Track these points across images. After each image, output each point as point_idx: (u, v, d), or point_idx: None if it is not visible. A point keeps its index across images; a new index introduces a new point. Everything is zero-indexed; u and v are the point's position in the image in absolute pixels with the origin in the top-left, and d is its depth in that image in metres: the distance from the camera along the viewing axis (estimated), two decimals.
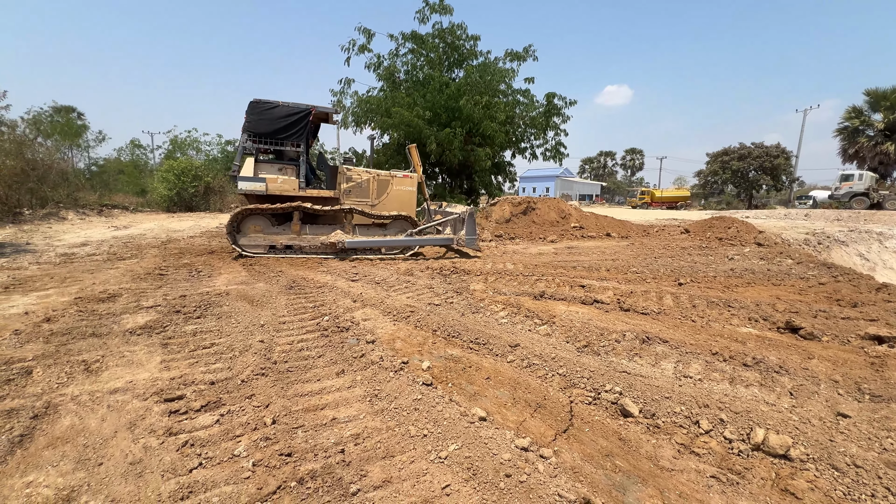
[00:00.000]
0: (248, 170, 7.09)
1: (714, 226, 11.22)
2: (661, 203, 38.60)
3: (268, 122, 7.11)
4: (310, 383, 2.72)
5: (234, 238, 7.03)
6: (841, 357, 3.41)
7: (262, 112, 7.08)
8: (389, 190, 8.19)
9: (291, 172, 7.45)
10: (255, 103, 7.06)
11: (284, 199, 7.25)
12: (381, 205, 8.12)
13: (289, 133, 7.23)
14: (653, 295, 5.26)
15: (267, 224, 7.24)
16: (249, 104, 7.05)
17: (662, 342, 3.67)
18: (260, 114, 7.08)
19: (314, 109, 7.39)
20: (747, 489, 1.85)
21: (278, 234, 7.28)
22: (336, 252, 7.42)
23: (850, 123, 32.34)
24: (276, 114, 7.12)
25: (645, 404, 2.49)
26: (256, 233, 7.17)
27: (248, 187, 7.06)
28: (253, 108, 7.04)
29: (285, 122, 7.16)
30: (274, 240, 7.24)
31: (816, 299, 5.05)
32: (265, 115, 7.09)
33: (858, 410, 2.55)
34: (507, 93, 13.91)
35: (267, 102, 7.11)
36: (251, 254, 7.11)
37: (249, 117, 7.05)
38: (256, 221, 7.18)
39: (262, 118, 7.08)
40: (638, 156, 68.79)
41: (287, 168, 7.47)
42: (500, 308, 4.53)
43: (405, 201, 8.29)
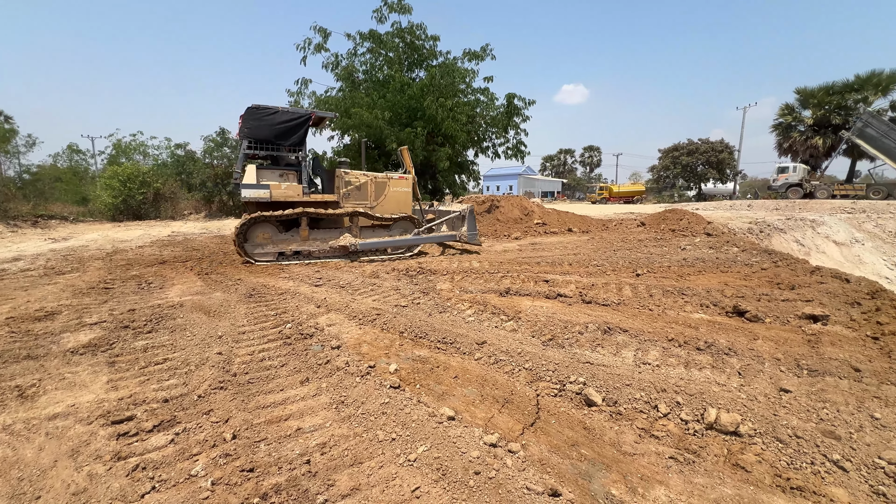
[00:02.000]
0: (250, 177, 6.95)
1: (667, 218, 11.79)
2: (619, 198, 40.20)
3: (268, 127, 7.02)
4: (272, 394, 2.63)
5: (242, 247, 6.94)
6: (782, 336, 3.67)
7: (261, 118, 6.97)
8: (387, 192, 8.28)
9: (293, 178, 7.39)
10: (253, 109, 6.93)
11: (288, 206, 7.21)
12: (380, 206, 8.20)
13: (290, 138, 7.20)
14: (613, 286, 5.45)
15: (274, 231, 7.20)
16: (248, 110, 6.91)
17: (623, 331, 3.81)
18: (260, 119, 6.96)
19: (314, 114, 7.40)
20: (702, 467, 1.95)
21: (286, 240, 7.28)
22: (346, 255, 7.56)
23: (783, 120, 34.92)
24: (276, 119, 7.04)
25: (607, 393, 2.57)
26: (265, 240, 7.13)
27: (251, 195, 6.92)
28: (252, 114, 6.92)
29: (286, 127, 7.12)
30: (283, 247, 7.23)
31: (760, 284, 5.40)
32: (265, 120, 6.99)
33: (798, 385, 2.75)
34: (467, 92, 14.03)
35: (266, 108, 7.02)
36: (262, 262, 7.05)
37: (249, 123, 6.92)
38: (264, 229, 7.12)
39: (262, 124, 6.97)
40: (595, 153, 71.26)
41: (287, 174, 7.39)
42: (467, 306, 4.55)
43: (402, 202, 8.44)
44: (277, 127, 7.05)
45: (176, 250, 9.09)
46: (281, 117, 7.06)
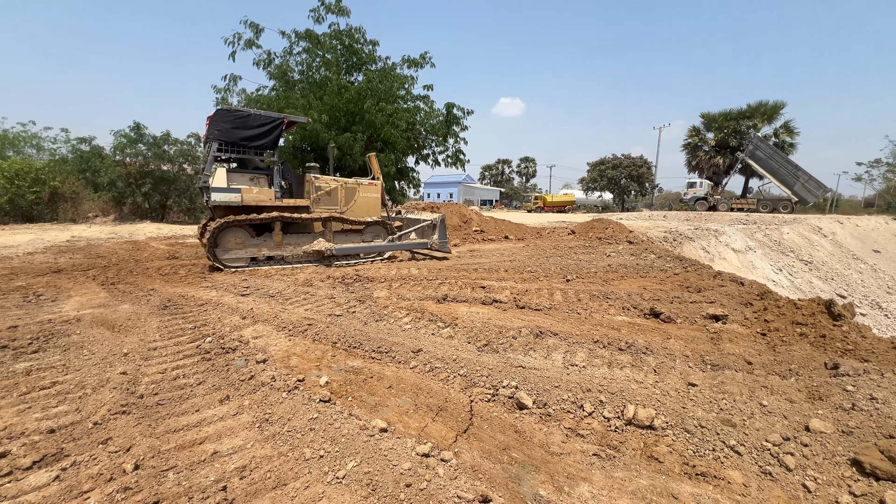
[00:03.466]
0: (220, 180, 6.79)
1: (594, 227, 12.61)
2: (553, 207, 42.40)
3: (240, 130, 6.93)
4: (186, 416, 2.38)
5: (213, 253, 6.74)
6: (690, 335, 4.05)
7: (233, 121, 6.86)
8: (357, 197, 8.37)
9: (263, 182, 7.36)
10: (224, 112, 6.84)
11: (259, 210, 7.10)
12: (350, 211, 8.27)
13: (262, 142, 7.15)
14: (545, 292, 5.70)
15: (246, 236, 7.05)
16: (218, 112, 6.77)
17: (553, 335, 3.98)
18: (231, 122, 6.85)
19: (286, 119, 7.37)
20: (622, 461, 2.07)
21: (259, 245, 7.16)
22: (320, 259, 7.63)
23: (691, 140, 39.15)
24: (248, 123, 6.98)
25: (538, 395, 2.66)
26: (237, 246, 6.97)
27: (222, 199, 6.76)
28: (222, 117, 6.79)
29: (258, 130, 7.07)
30: (255, 252, 7.12)
31: (673, 287, 5.93)
32: (237, 123, 6.89)
33: (703, 379, 3.03)
34: (407, 99, 14.04)
35: (238, 111, 6.96)
36: (234, 267, 6.88)
37: (219, 126, 6.77)
38: (236, 234, 6.96)
39: (233, 127, 6.87)
40: (531, 163, 74.69)
41: (257, 178, 7.33)
42: (404, 314, 4.50)
43: (371, 207, 8.58)
44: (250, 131, 7.00)
45: (76, 257, 8.04)
46: (253, 121, 7.02)
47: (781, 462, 2.10)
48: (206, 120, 6.82)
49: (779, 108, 34.85)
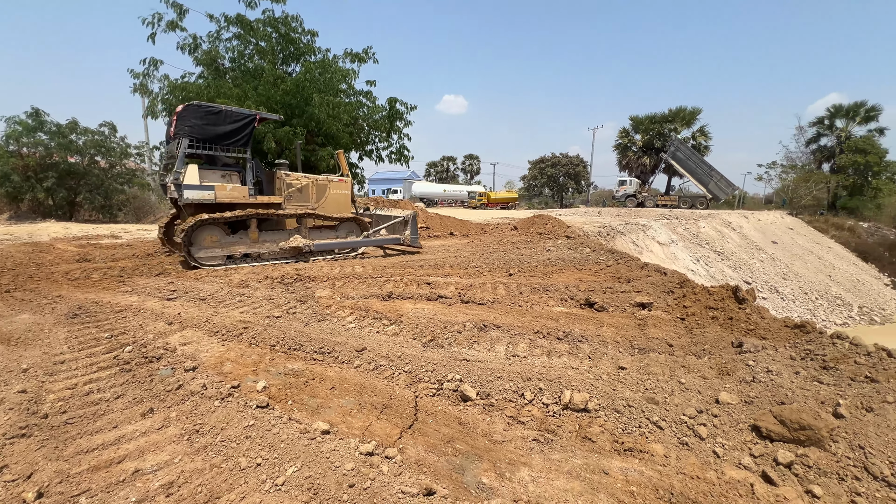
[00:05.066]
0: (192, 177, 6.59)
1: (535, 223, 13.13)
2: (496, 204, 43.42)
3: (212, 127, 6.79)
4: (101, 434, 2.16)
5: (189, 252, 6.58)
6: (621, 322, 4.36)
7: (204, 116, 6.71)
8: (327, 194, 8.36)
9: (235, 179, 7.25)
10: (195, 107, 6.69)
11: (232, 207, 6.99)
12: (321, 208, 8.25)
13: (234, 139, 7.04)
14: (489, 286, 5.84)
15: (222, 234, 6.96)
16: (188, 108, 6.65)
17: (496, 328, 4.10)
18: (202, 118, 6.70)
19: (259, 116, 7.30)
20: (559, 444, 2.18)
21: (235, 243, 7.11)
22: (297, 256, 7.68)
23: (622, 141, 41.98)
24: (220, 119, 6.86)
25: (482, 387, 2.73)
26: (213, 244, 6.87)
27: (195, 196, 6.59)
28: (193, 113, 6.65)
29: (231, 127, 6.96)
30: (232, 250, 7.06)
31: (605, 279, 6.33)
32: (208, 119, 6.74)
33: (631, 362, 3.27)
34: (349, 93, 13.67)
35: (209, 106, 6.83)
36: (210, 265, 6.75)
37: (189, 121, 6.61)
38: (211, 232, 6.84)
39: (205, 123, 6.72)
40: (475, 161, 75.90)
41: (229, 175, 7.21)
42: (348, 313, 4.40)
43: (342, 204, 8.59)
44: (223, 127, 6.89)
45: None
46: (226, 117, 6.92)
47: (696, 433, 2.33)
48: (173, 115, 6.70)
49: (696, 114, 38.36)
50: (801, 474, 2.05)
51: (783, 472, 2.06)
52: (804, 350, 3.01)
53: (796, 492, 1.97)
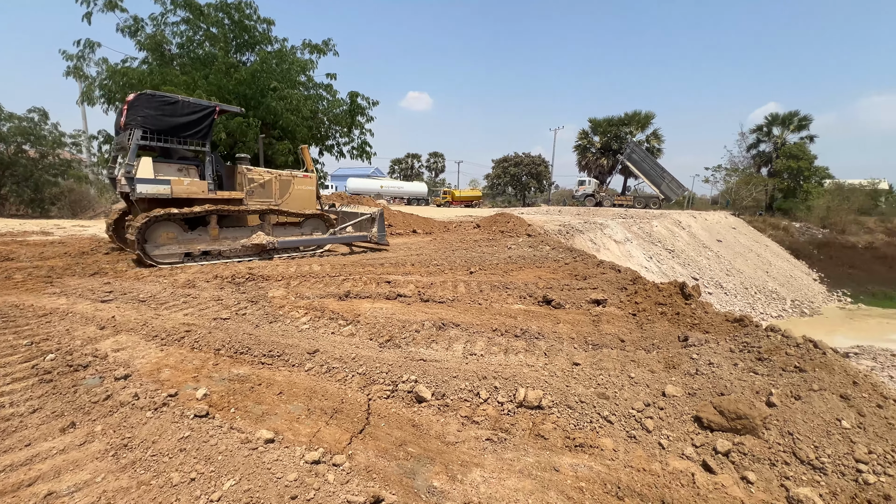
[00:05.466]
0: (146, 171, 6.26)
1: (498, 221, 13.27)
2: (460, 202, 43.67)
3: (167, 118, 6.47)
4: (10, 454, 1.94)
5: (144, 249, 6.27)
6: (577, 319, 4.46)
7: (159, 107, 6.38)
8: (291, 190, 8.15)
9: (193, 173, 6.94)
10: (148, 96, 6.38)
11: (192, 203, 6.71)
12: (285, 204, 8.01)
13: (192, 131, 6.74)
14: (449, 284, 5.82)
15: (179, 230, 6.68)
16: (141, 97, 6.33)
17: (455, 326, 4.08)
18: (157, 108, 6.36)
19: (218, 108, 7.03)
20: (512, 443, 2.18)
21: (194, 240, 6.83)
22: (260, 253, 7.47)
23: (581, 142, 43.31)
24: (176, 109, 6.54)
25: (437, 387, 2.69)
26: (170, 240, 6.57)
27: (149, 191, 6.27)
28: (147, 102, 6.32)
29: (188, 118, 6.66)
30: (190, 247, 6.78)
31: (563, 276, 6.48)
32: (164, 110, 6.41)
33: (585, 358, 3.34)
34: (308, 86, 13.21)
35: (164, 97, 6.52)
36: (166, 263, 6.46)
37: (143, 111, 6.27)
38: (168, 228, 6.55)
39: (160, 114, 6.39)
40: (440, 159, 75.88)
41: (186, 169, 6.90)
42: (302, 314, 4.24)
43: (307, 200, 8.42)
44: (179, 118, 6.58)
45: None
46: (183, 108, 6.62)
47: (643, 426, 2.40)
48: (124, 105, 6.35)
49: (650, 118, 40.20)
50: (737, 461, 2.16)
51: (721, 461, 2.16)
52: (742, 343, 3.19)
53: (732, 478, 2.07)
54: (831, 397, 2.46)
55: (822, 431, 2.27)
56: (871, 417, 2.34)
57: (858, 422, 2.32)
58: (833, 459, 2.12)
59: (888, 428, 2.27)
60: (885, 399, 2.46)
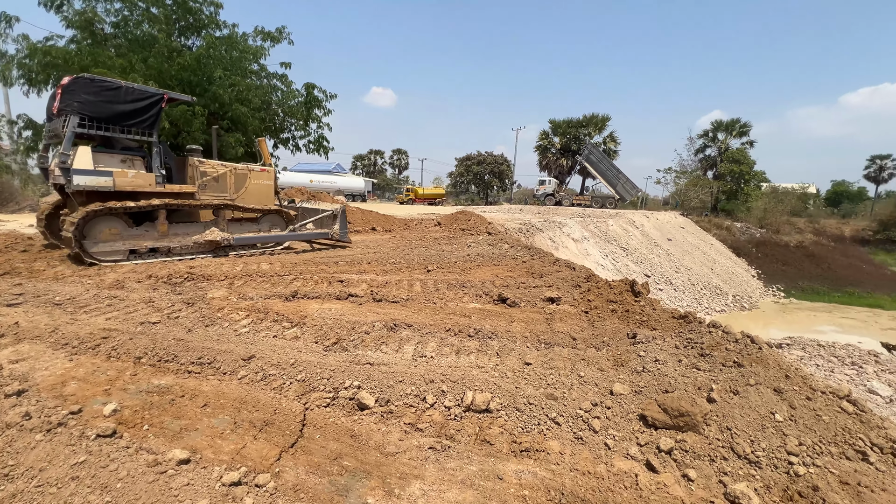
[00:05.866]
0: (84, 161, 5.83)
1: (459, 219, 13.21)
2: (424, 199, 43.48)
3: (109, 104, 6.02)
4: None
5: (82, 245, 5.84)
6: (531, 317, 4.44)
7: (99, 93, 5.93)
8: (248, 184, 7.83)
9: (139, 165, 6.54)
10: (87, 81, 5.92)
11: (137, 196, 6.30)
12: (240, 199, 7.68)
13: (136, 120, 6.30)
14: (405, 283, 5.67)
15: (123, 226, 6.28)
16: (78, 81, 5.85)
17: (408, 326, 3.94)
18: (97, 94, 5.91)
19: (167, 96, 6.62)
20: (457, 450, 2.07)
21: (140, 236, 6.45)
22: (215, 250, 7.12)
23: (542, 142, 44.25)
24: (119, 96, 6.08)
25: (381, 393, 2.54)
26: (112, 237, 6.16)
27: (88, 182, 5.81)
28: (85, 87, 5.84)
29: (133, 106, 6.21)
30: (136, 244, 6.40)
31: (520, 274, 6.49)
32: (105, 96, 5.96)
33: (537, 357, 3.30)
34: (261, 75, 12.58)
35: (105, 81, 6.10)
36: (109, 261, 6.05)
37: (80, 97, 5.79)
38: (110, 223, 6.14)
39: (101, 100, 5.94)
40: (404, 156, 75.25)
41: (131, 160, 6.48)
42: (243, 316, 3.95)
43: (264, 195, 8.11)
44: (122, 106, 6.12)
45: None
46: (126, 95, 6.16)
47: (590, 426, 2.37)
48: (58, 89, 5.86)
49: (606, 120, 41.69)
50: (679, 459, 2.17)
51: (664, 459, 2.16)
52: (686, 339, 3.25)
53: (674, 477, 2.07)
54: (766, 391, 2.53)
55: (757, 425, 2.32)
56: (801, 410, 2.42)
57: (790, 414, 2.40)
58: (767, 453, 2.17)
59: (816, 419, 2.36)
60: (814, 391, 2.56)
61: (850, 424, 2.35)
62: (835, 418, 2.38)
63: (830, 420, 2.36)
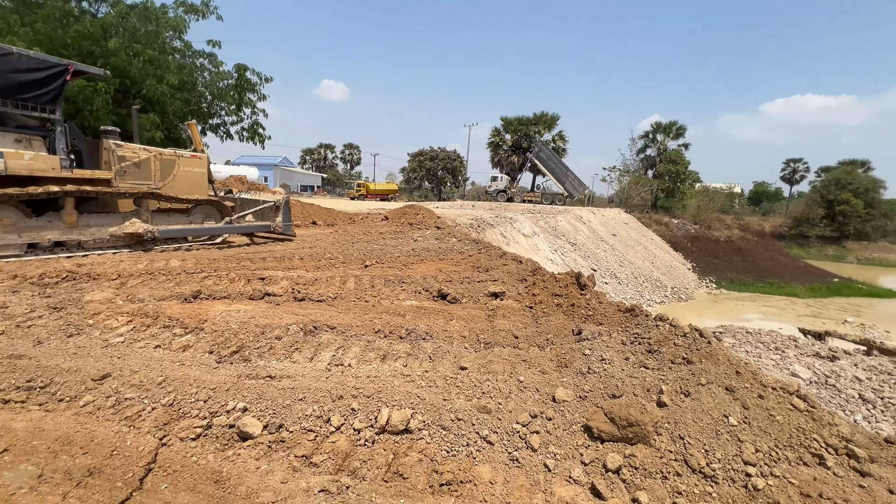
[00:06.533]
0: None
1: (407, 213, 12.71)
2: (376, 195, 42.39)
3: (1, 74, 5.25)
4: None
5: None
6: (472, 314, 4.05)
7: None
8: (176, 171, 7.20)
9: (38, 146, 5.74)
10: None
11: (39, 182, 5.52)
12: (168, 187, 7.04)
13: (34, 93, 5.52)
14: (337, 279, 5.10)
15: (19, 216, 5.46)
16: None
17: (329, 329, 3.41)
18: None
19: (72, 67, 5.84)
20: (357, 492, 1.61)
21: (41, 228, 5.65)
22: (135, 244, 6.34)
23: (494, 139, 44.55)
24: (11, 64, 5.32)
25: (274, 416, 2.02)
26: (6, 229, 5.36)
27: None
28: None
29: (29, 77, 5.46)
30: (36, 236, 5.59)
31: (466, 268, 6.12)
32: None
33: (474, 360, 2.91)
34: (185, 53, 11.31)
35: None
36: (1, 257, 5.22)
37: None
38: (2, 213, 5.31)
39: None
40: (356, 151, 73.20)
41: (28, 140, 5.67)
42: (123, 322, 3.24)
43: (196, 184, 7.48)
44: (13, 76, 5.35)
45: None
46: (20, 63, 5.40)
47: (528, 443, 2.00)
48: None
49: (555, 119, 42.67)
50: (628, 479, 1.84)
51: (611, 481, 1.82)
52: (633, 334, 2.99)
53: (622, 502, 1.74)
54: (718, 391, 2.29)
55: (711, 432, 2.05)
56: (754, 410, 2.19)
57: (744, 416, 2.16)
58: (723, 464, 1.90)
59: (770, 421, 2.14)
60: (765, 388, 2.36)
61: (803, 424, 2.14)
62: (788, 418, 2.17)
63: (784, 420, 2.15)
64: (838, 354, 10.65)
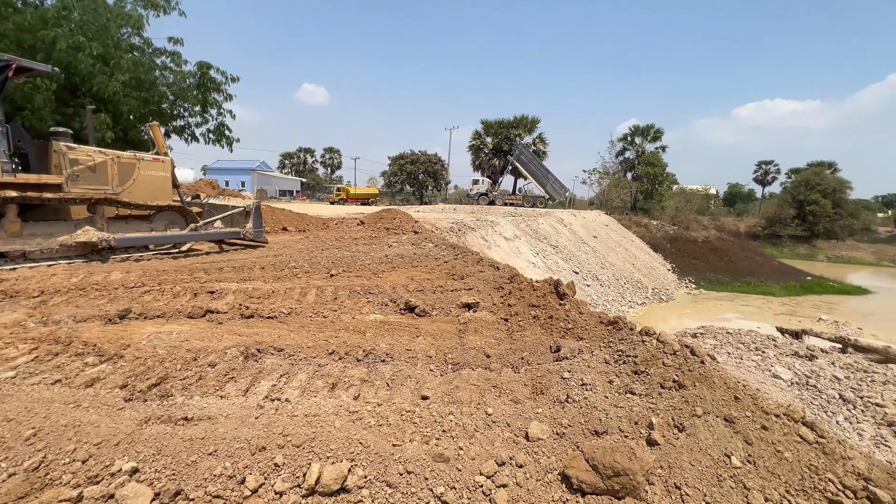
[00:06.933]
0: None
1: (383, 217, 12.27)
2: (356, 199, 41.68)
3: None
4: None
5: None
6: (441, 329, 3.66)
7: None
8: (136, 176, 6.75)
9: None
10: None
11: None
12: (127, 193, 6.57)
13: None
14: (296, 292, 4.66)
15: None
16: None
17: (277, 352, 2.97)
18: None
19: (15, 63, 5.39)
20: None
21: None
22: (88, 254, 5.88)
23: (475, 143, 44.43)
24: None
25: (172, 479, 1.59)
26: None
27: None
28: None
29: None
30: None
31: (440, 276, 5.74)
32: None
33: (438, 387, 2.52)
34: (144, 49, 10.65)
35: None
36: None
37: None
38: None
39: None
40: (336, 155, 72.08)
41: None
42: (24, 351, 2.74)
43: (158, 189, 7.02)
44: None
45: None
46: None
47: (493, 502, 1.62)
48: None
49: (536, 122, 42.84)
50: None
51: None
52: (617, 352, 2.66)
53: None
54: (717, 423, 1.96)
55: (712, 477, 1.72)
56: (759, 446, 1.87)
57: (748, 454, 1.84)
58: None
59: (778, 459, 1.82)
60: (768, 416, 2.04)
61: (814, 460, 1.83)
62: (797, 453, 1.85)
63: (793, 457, 1.83)
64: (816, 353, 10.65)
